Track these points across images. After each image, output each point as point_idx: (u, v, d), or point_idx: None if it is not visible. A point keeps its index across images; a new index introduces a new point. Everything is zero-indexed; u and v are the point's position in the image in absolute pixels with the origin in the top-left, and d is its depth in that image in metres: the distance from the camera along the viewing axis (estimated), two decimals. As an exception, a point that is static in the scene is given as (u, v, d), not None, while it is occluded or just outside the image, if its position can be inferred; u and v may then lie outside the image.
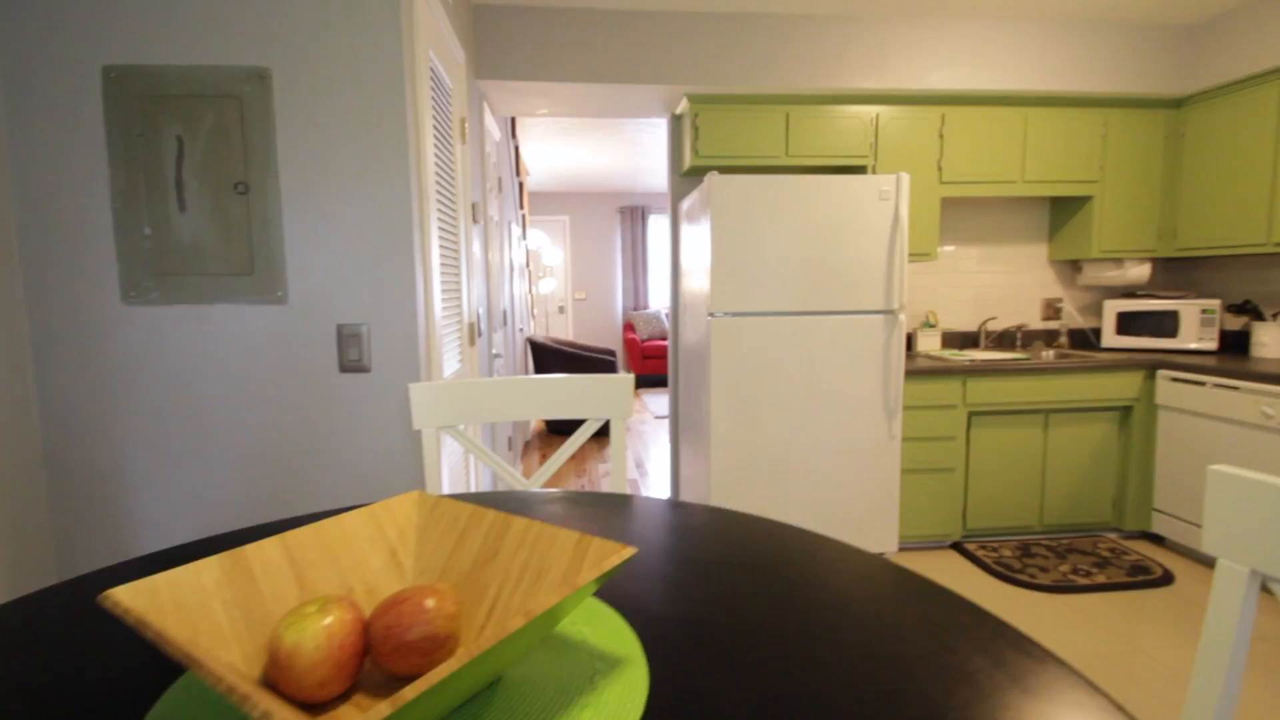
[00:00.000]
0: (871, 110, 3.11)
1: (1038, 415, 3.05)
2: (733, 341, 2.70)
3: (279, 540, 0.64)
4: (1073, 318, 3.61)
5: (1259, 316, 3.00)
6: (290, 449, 1.59)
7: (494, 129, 3.42)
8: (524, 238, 5.25)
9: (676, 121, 3.35)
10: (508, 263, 4.14)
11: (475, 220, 2.57)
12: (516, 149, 4.66)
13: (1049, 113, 3.18)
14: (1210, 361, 2.88)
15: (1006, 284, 3.59)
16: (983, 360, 3.02)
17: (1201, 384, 2.80)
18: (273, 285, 1.54)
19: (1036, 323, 3.61)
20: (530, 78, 2.93)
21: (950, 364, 2.95)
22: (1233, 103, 2.98)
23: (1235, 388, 2.65)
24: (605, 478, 4.34)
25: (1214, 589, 0.70)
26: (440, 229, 1.97)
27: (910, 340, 3.54)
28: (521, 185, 4.97)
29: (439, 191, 1.96)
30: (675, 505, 1.00)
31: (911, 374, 2.91)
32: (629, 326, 8.34)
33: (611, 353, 6.19)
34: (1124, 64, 3.15)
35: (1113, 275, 3.43)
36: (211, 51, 1.50)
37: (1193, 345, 3.18)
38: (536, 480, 1.32)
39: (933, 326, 3.47)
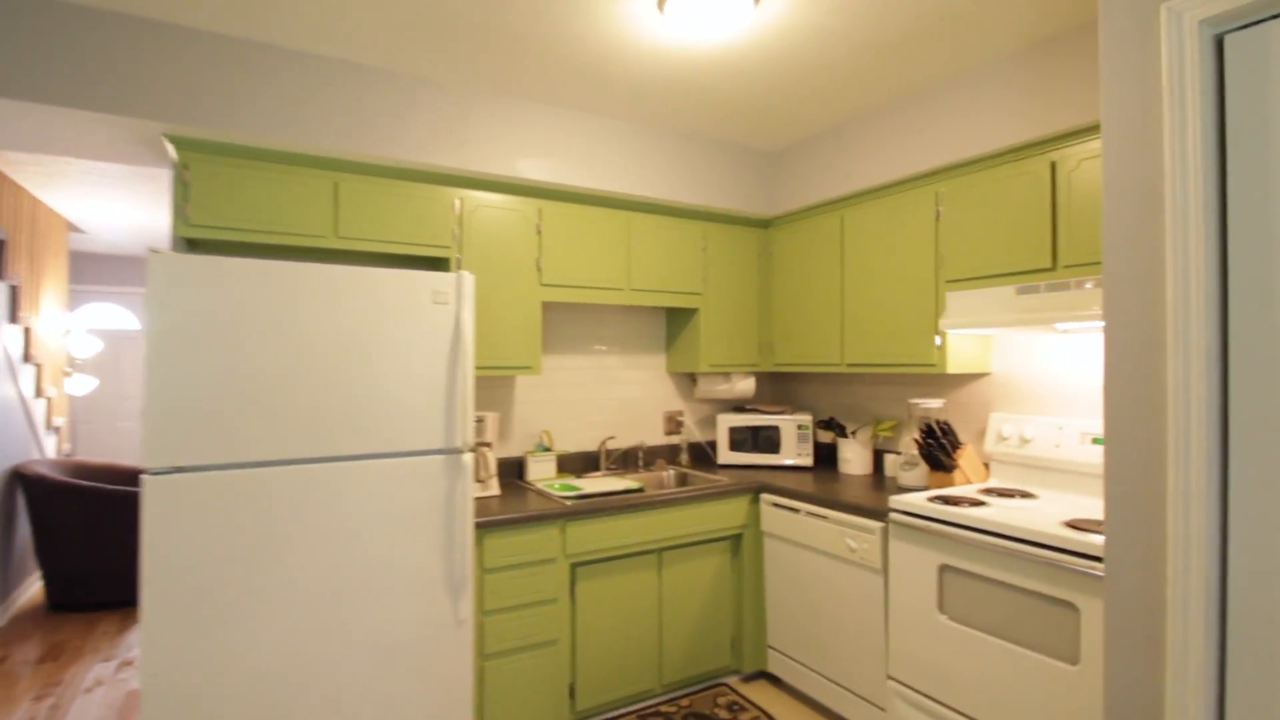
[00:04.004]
0: (454, 193, 2.53)
1: (650, 556, 2.63)
2: (192, 509, 1.73)
3: None
4: (692, 432, 3.42)
5: (842, 433, 3.05)
6: None
7: None
8: (13, 321, 3.57)
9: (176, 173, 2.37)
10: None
11: None
12: (-25, 191, 3.13)
13: (652, 220, 2.98)
14: (806, 481, 2.79)
15: (630, 397, 3.26)
16: (592, 495, 2.52)
17: (796, 510, 2.65)
18: None
19: (660, 438, 3.33)
20: None
21: (546, 508, 2.37)
22: (805, 228, 3.08)
23: (824, 517, 2.52)
24: (92, 691, 2.84)
25: None
26: None
27: (521, 468, 2.95)
28: (2, 244, 3.37)
29: None
30: None
31: (493, 526, 2.25)
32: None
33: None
34: (719, 180, 3.11)
35: (723, 389, 3.32)
36: None
37: (791, 461, 3.14)
38: None
39: (548, 450, 2.93)
